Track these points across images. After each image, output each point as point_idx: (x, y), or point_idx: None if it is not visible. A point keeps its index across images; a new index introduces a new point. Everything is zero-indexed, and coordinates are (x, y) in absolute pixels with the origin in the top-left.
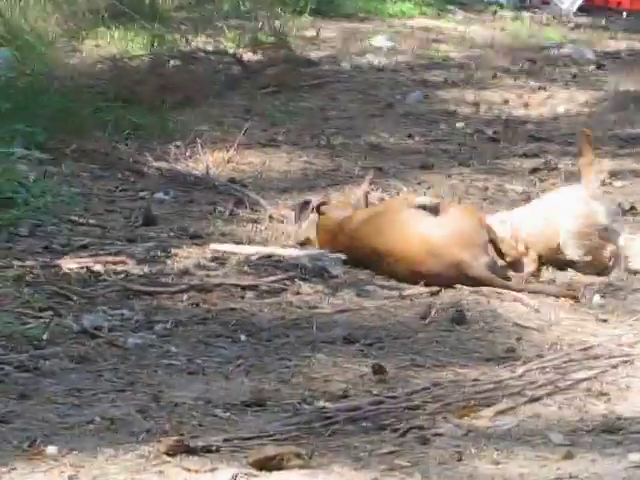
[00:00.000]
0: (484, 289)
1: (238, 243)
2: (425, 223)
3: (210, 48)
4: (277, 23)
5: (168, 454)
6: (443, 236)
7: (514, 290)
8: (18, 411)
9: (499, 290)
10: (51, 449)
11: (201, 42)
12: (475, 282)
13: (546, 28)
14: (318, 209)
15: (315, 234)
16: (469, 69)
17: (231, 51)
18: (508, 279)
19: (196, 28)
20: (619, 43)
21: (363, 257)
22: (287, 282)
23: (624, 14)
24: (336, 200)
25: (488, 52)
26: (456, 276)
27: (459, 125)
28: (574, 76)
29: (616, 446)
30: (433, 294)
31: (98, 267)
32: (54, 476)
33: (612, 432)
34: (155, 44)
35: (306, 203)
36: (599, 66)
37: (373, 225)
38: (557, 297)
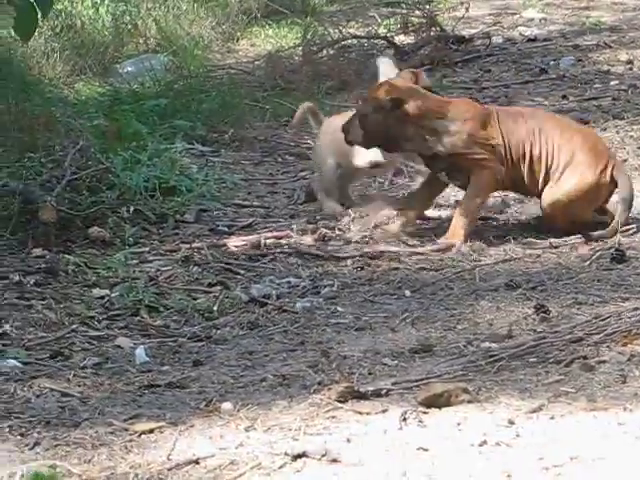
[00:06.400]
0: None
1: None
2: None
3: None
4: (427, 6)
5: (339, 401)
6: None
7: None
8: (194, 376)
9: None
10: (226, 405)
11: (353, 30)
12: None
13: None
14: None
15: None
16: (621, 31)
17: (382, 35)
18: None
19: (348, 18)
20: None
21: None
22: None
23: None
24: None
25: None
26: None
27: (613, 83)
28: None
29: None
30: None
31: (263, 242)
32: (231, 429)
33: None
34: (308, 36)
35: None
36: None
37: None
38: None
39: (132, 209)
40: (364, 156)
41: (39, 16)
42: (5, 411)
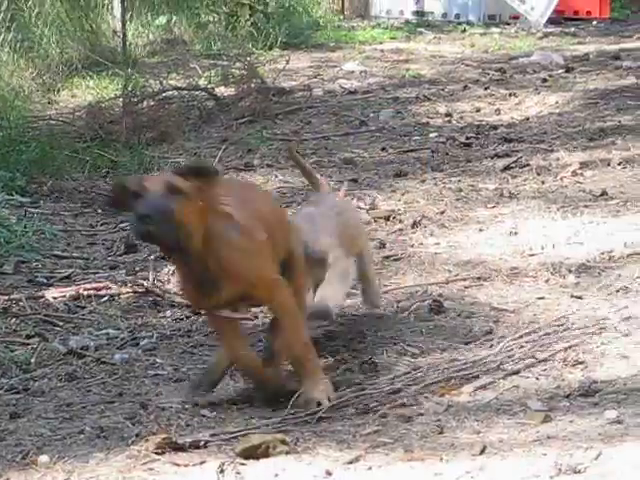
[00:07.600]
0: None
1: None
2: None
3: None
4: (248, 58)
5: (157, 452)
6: None
7: None
8: (11, 429)
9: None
10: (43, 458)
11: (174, 82)
12: None
13: (515, 40)
14: None
15: None
16: (440, 84)
17: (203, 86)
18: None
19: (169, 70)
20: (588, 47)
21: None
22: None
23: (594, 22)
24: None
25: (458, 67)
26: None
27: (432, 135)
28: (544, 80)
29: (593, 407)
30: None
31: (82, 294)
32: None
33: (589, 395)
34: (128, 87)
35: None
36: (568, 69)
37: None
38: None
39: None
40: None
41: None
42: None
